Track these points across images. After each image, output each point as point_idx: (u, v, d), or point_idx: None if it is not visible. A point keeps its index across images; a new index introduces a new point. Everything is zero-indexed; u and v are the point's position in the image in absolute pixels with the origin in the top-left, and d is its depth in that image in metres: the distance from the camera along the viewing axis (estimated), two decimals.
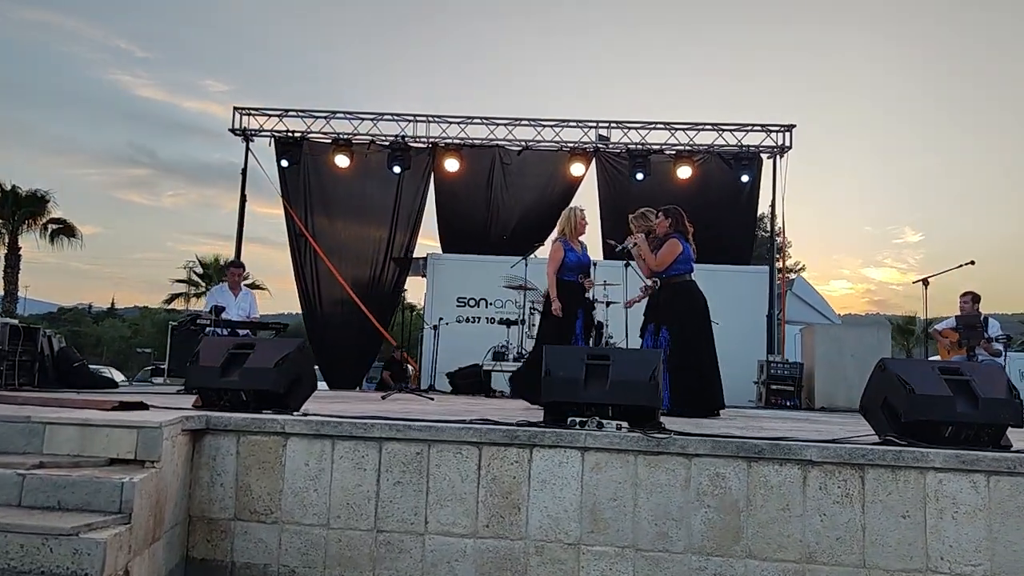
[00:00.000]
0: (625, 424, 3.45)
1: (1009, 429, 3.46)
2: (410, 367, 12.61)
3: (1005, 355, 7.67)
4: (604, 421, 3.47)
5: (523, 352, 9.41)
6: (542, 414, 3.78)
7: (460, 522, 3.45)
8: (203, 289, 28.56)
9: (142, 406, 3.81)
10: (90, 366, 8.35)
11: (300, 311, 12.65)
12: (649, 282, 6.13)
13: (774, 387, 10.21)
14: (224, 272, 8.31)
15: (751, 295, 11.64)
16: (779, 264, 12.50)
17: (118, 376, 19.35)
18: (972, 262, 7.37)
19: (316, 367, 6.30)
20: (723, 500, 3.29)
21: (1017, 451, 3.22)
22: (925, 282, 7.60)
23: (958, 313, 8.03)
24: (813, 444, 3.27)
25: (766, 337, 11.59)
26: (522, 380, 6.33)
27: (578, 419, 3.49)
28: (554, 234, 6.79)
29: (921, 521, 3.16)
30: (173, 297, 29.61)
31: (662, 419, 4.46)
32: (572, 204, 7.10)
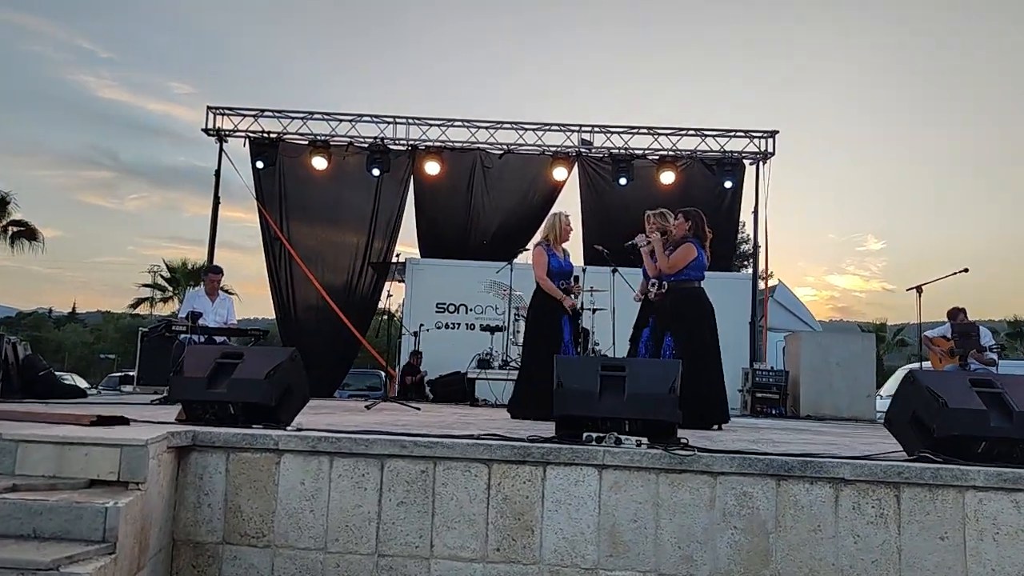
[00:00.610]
0: (645, 440, 3.25)
1: None
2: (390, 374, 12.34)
3: (997, 365, 7.62)
4: (622, 437, 3.26)
5: (508, 359, 9.20)
6: (554, 427, 3.57)
7: (469, 545, 3.22)
8: (170, 294, 28.00)
9: (122, 420, 3.54)
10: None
11: (270, 317, 12.37)
12: (652, 286, 5.94)
13: (759, 395, 10.11)
14: (202, 277, 7.97)
15: (734, 302, 11.53)
16: (761, 271, 12.43)
17: (81, 383, 18.79)
18: (966, 269, 7.32)
19: None
20: (751, 521, 3.11)
21: None
22: (919, 289, 7.52)
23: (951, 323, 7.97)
24: (846, 461, 3.10)
25: (749, 345, 11.51)
26: (520, 400, 6.09)
27: (594, 435, 3.29)
28: (537, 238, 6.61)
29: (960, 543, 2.99)
30: (139, 302, 28.99)
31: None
32: (556, 210, 6.91)
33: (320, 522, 3.30)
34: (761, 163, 11.87)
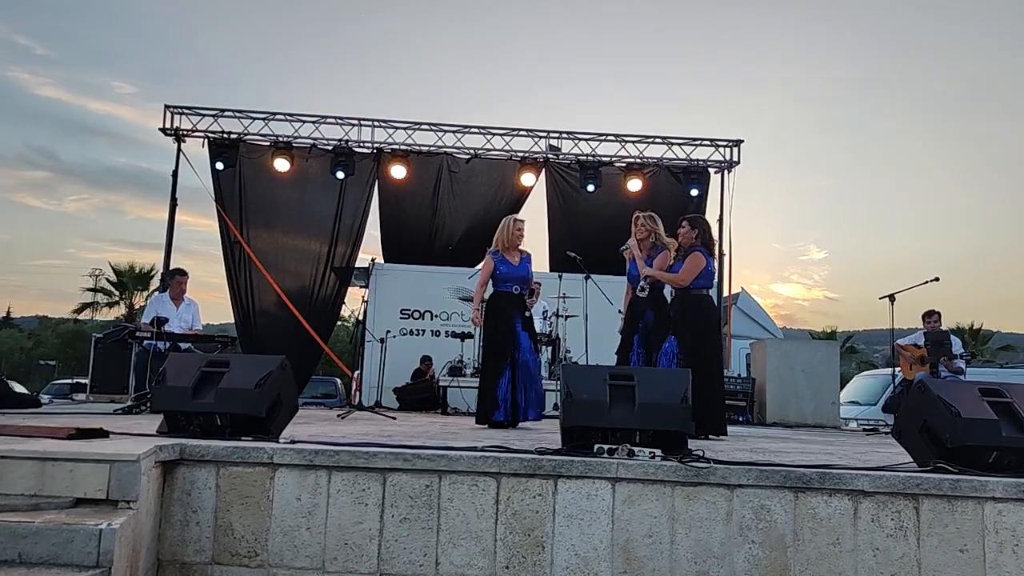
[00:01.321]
0: (659, 452, 3.15)
1: None
2: (352, 383, 12.08)
3: (965, 371, 7.74)
4: (635, 448, 3.16)
5: (479, 366, 9.04)
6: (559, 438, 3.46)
7: (476, 563, 3.08)
8: (116, 298, 27.16)
9: (102, 433, 3.32)
10: None
11: (215, 322, 12.01)
12: (641, 291, 5.86)
13: (727, 402, 10.10)
14: (167, 281, 7.60)
15: None
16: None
17: (20, 390, 17.98)
18: (936, 278, 7.41)
19: None
20: (768, 535, 3.03)
21: None
22: (891, 298, 7.60)
23: (924, 330, 8.08)
24: (865, 473, 3.05)
25: None
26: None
27: (606, 446, 3.18)
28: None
29: (980, 555, 2.96)
30: (83, 307, 28.01)
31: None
32: (518, 215, 6.83)
33: (318, 540, 3.13)
34: (726, 172, 11.95)
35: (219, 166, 11.32)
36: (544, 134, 11.79)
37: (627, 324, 6.00)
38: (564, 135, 11.82)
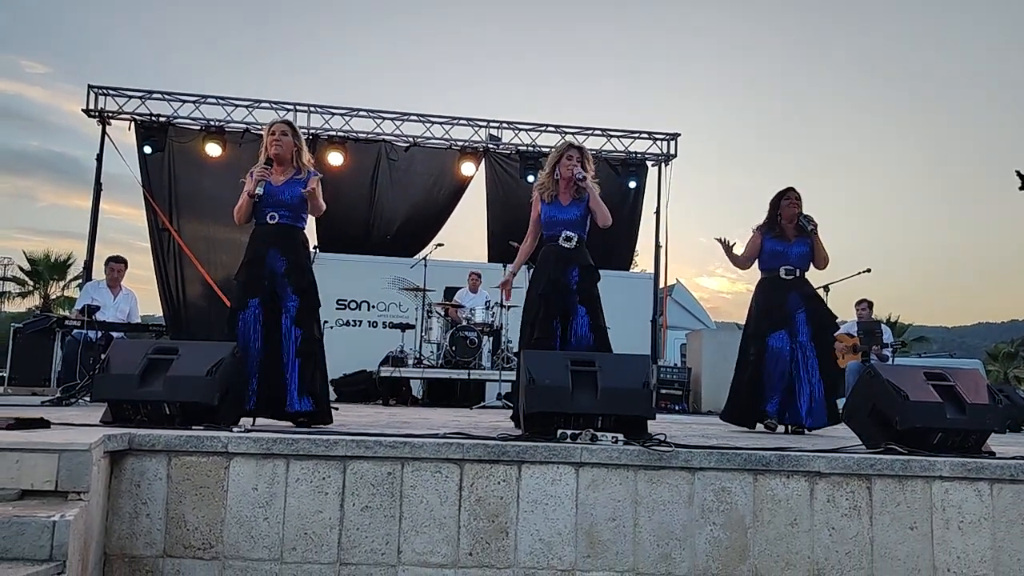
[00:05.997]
0: (621, 436, 3.17)
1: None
2: None
3: (893, 360, 8.04)
4: (598, 433, 3.17)
5: (420, 357, 8.98)
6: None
7: (439, 550, 3.05)
8: (30, 288, 26.02)
9: (43, 423, 3.15)
10: None
11: (153, 313, 11.60)
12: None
13: (663, 391, 10.31)
14: (104, 267, 7.22)
15: (636, 300, 11.75)
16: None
17: None
18: (868, 270, 7.65)
19: None
20: (729, 517, 3.08)
21: (1018, 457, 3.21)
22: (826, 288, 7.79)
23: (856, 320, 8.34)
24: (821, 455, 3.13)
25: (651, 342, 11.73)
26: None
27: (569, 432, 3.18)
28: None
29: (928, 532, 3.07)
30: None
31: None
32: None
33: (275, 530, 3.05)
34: (663, 164, 12.13)
35: (147, 150, 10.91)
36: (484, 123, 11.73)
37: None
38: (504, 125, 11.79)
